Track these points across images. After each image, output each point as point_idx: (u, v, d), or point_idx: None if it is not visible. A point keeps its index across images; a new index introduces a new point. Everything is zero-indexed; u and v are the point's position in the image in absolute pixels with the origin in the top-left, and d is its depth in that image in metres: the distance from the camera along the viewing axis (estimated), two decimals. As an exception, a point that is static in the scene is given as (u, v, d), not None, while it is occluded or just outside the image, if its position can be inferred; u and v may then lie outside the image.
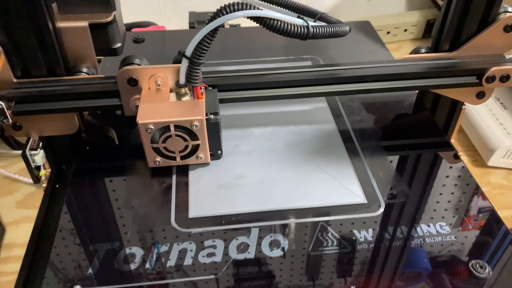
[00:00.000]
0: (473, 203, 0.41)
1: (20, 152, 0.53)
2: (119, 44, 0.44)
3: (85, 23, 0.41)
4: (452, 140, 0.52)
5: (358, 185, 0.41)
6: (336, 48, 0.62)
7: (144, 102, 0.40)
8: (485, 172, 0.62)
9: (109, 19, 0.42)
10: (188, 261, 0.36)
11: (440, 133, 0.49)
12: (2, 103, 0.39)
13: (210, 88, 0.42)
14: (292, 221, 0.38)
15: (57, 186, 0.47)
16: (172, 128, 0.39)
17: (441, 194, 0.42)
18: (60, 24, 0.41)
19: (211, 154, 0.42)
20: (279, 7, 0.47)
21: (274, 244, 0.37)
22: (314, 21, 0.45)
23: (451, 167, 0.45)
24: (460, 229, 0.38)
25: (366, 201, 0.40)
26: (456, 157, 0.46)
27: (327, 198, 0.40)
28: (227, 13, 0.36)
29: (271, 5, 0.47)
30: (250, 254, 0.36)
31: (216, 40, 0.42)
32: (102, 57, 0.57)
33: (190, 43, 0.37)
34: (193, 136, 0.40)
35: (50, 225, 0.44)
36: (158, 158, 0.41)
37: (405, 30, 0.83)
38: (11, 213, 0.52)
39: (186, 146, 0.40)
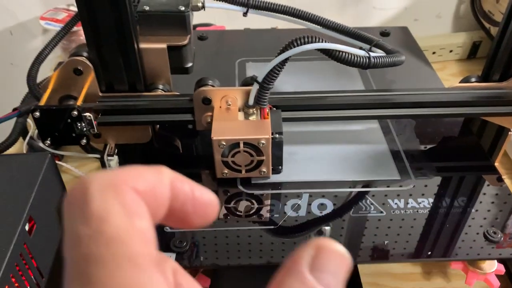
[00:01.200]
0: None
1: (92, 156, 0.58)
2: (190, 64, 0.49)
3: (164, 45, 0.46)
4: (496, 164, 0.54)
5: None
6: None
7: (217, 120, 0.44)
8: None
9: (185, 42, 0.46)
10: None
11: (485, 156, 0.51)
12: (91, 115, 0.44)
13: (274, 108, 0.46)
14: (336, 190, 0.47)
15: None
16: (241, 145, 0.43)
17: (485, 218, 0.44)
18: (142, 45, 0.46)
19: (272, 169, 0.46)
20: (338, 33, 0.51)
21: (321, 207, 0.45)
22: (370, 48, 0.48)
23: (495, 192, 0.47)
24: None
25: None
26: (500, 179, 0.48)
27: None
28: (298, 45, 0.40)
29: (331, 31, 0.51)
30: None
31: (266, 40, 0.50)
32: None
33: (264, 70, 0.41)
34: (259, 152, 0.44)
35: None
36: (226, 170, 0.45)
37: (451, 51, 0.85)
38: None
39: (252, 161, 0.44)
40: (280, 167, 0.46)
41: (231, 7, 0.49)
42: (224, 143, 0.43)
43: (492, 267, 0.44)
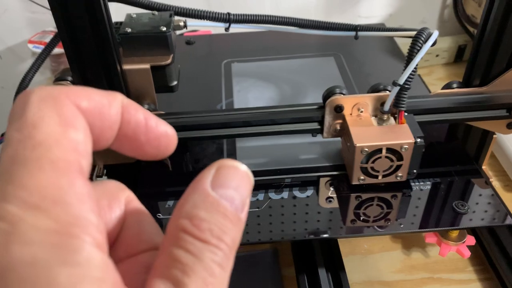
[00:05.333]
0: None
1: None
2: (175, 82, 0.49)
3: (147, 65, 0.47)
4: (484, 167, 0.55)
5: None
6: (357, 46, 0.71)
7: (353, 126, 0.45)
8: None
9: (168, 61, 0.47)
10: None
11: (470, 161, 0.52)
12: (77, 138, 0.45)
13: (406, 113, 0.46)
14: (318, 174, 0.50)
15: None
16: (384, 150, 0.44)
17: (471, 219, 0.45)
18: (126, 67, 0.46)
19: (407, 173, 0.46)
20: (324, 30, 0.53)
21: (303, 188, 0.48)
22: (356, 33, 0.53)
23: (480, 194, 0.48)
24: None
25: None
26: (487, 183, 0.49)
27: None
28: (424, 42, 0.42)
29: (318, 30, 0.52)
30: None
31: (252, 42, 0.56)
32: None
33: (404, 73, 0.42)
34: (399, 157, 0.44)
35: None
36: (363, 177, 0.46)
37: (437, 55, 0.86)
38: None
39: (391, 166, 0.45)
40: (415, 170, 0.46)
41: (213, 24, 0.50)
42: (367, 149, 0.43)
43: (463, 238, 0.48)
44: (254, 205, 0.47)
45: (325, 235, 0.43)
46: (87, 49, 0.43)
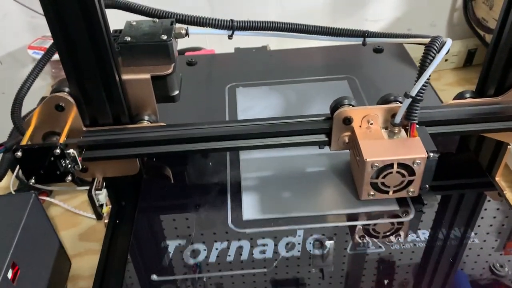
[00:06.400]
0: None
1: (81, 188, 0.57)
2: (177, 92, 0.48)
3: (147, 75, 0.45)
4: (497, 178, 0.53)
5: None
6: (370, 68, 0.66)
7: (362, 140, 0.43)
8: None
9: (169, 71, 0.45)
10: (244, 257, 0.42)
11: (483, 173, 0.49)
12: (74, 151, 0.43)
13: (417, 126, 0.44)
14: (333, 224, 0.44)
15: (118, 221, 0.51)
16: (395, 165, 0.42)
17: (487, 233, 0.43)
18: (125, 77, 0.44)
19: (419, 188, 0.44)
20: (331, 36, 0.50)
21: (317, 243, 0.42)
22: (364, 39, 0.50)
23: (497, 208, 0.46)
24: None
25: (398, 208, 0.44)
26: (500, 195, 0.47)
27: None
28: (437, 52, 0.40)
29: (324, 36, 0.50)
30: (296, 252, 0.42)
31: (257, 62, 0.51)
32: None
33: (416, 84, 0.40)
34: (411, 172, 0.42)
35: (115, 258, 0.47)
36: (372, 192, 0.44)
37: (446, 60, 0.84)
38: (75, 245, 0.55)
39: (402, 181, 0.43)
40: (427, 185, 0.44)
41: (216, 31, 0.48)
42: (378, 164, 0.41)
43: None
44: (260, 264, 0.41)
45: None
46: (84, 59, 0.41)
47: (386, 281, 0.39)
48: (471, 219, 0.45)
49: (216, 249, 0.42)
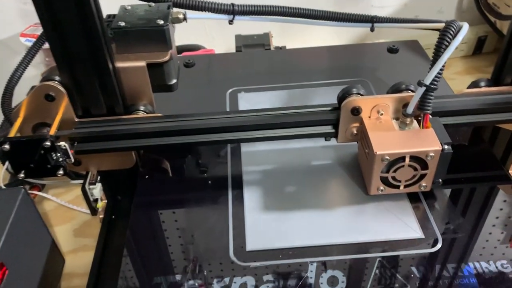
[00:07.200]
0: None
1: (75, 182, 0.55)
2: (174, 81, 0.45)
3: (143, 63, 0.42)
4: (511, 171, 0.50)
5: (414, 218, 0.41)
6: (385, 69, 0.61)
7: (372, 131, 0.40)
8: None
9: (166, 58, 0.43)
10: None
11: (498, 165, 0.47)
12: (66, 144, 0.40)
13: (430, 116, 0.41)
14: (349, 257, 0.39)
15: (113, 217, 0.49)
16: (407, 159, 0.39)
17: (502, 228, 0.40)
18: (119, 64, 0.42)
19: (432, 182, 0.42)
20: (337, 21, 0.48)
21: (333, 281, 0.37)
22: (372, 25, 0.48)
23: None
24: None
25: (423, 236, 0.39)
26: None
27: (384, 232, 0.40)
28: (452, 38, 0.37)
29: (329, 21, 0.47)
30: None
31: (262, 64, 0.45)
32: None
33: (430, 72, 0.38)
34: (424, 166, 0.40)
35: (110, 255, 0.45)
36: (382, 187, 0.41)
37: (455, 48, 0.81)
38: (69, 241, 0.53)
39: (414, 176, 0.41)
40: (440, 180, 0.41)
41: (216, 16, 0.45)
42: (388, 157, 0.39)
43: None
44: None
45: None
46: (75, 45, 0.38)
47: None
48: (487, 213, 0.42)
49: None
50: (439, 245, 0.39)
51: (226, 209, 0.43)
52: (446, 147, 0.39)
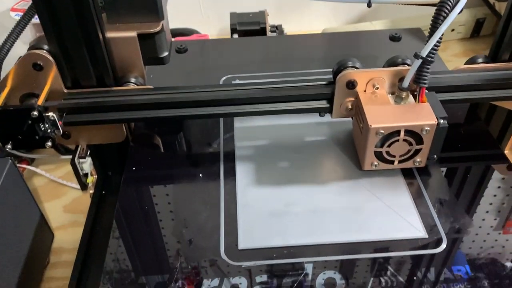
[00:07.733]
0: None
1: (66, 157, 0.54)
2: (166, 53, 0.44)
3: (134, 33, 0.41)
4: (507, 151, 0.50)
5: (417, 216, 0.39)
6: (387, 58, 0.60)
7: (367, 105, 0.39)
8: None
9: (158, 28, 0.41)
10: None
11: (495, 144, 0.46)
12: (54, 115, 0.40)
13: (427, 91, 0.40)
14: (348, 257, 0.37)
15: (104, 192, 0.48)
16: (402, 133, 0.38)
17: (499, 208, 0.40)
18: (110, 34, 0.41)
19: (427, 158, 0.41)
20: None
21: (329, 283, 0.35)
22: None
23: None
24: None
25: (427, 236, 0.38)
26: (510, 168, 0.44)
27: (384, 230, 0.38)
28: (450, 11, 0.36)
29: None
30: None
31: (257, 50, 0.44)
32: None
33: (427, 44, 0.37)
34: (419, 140, 0.39)
35: (99, 231, 0.45)
36: (376, 162, 0.41)
37: (452, 30, 0.80)
38: (59, 217, 0.52)
39: (409, 151, 0.40)
40: (435, 156, 0.41)
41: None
42: (383, 131, 0.38)
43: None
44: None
45: None
46: (64, 14, 0.37)
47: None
48: (482, 193, 0.42)
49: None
50: (443, 245, 0.37)
51: (218, 188, 0.42)
52: (441, 121, 0.38)
